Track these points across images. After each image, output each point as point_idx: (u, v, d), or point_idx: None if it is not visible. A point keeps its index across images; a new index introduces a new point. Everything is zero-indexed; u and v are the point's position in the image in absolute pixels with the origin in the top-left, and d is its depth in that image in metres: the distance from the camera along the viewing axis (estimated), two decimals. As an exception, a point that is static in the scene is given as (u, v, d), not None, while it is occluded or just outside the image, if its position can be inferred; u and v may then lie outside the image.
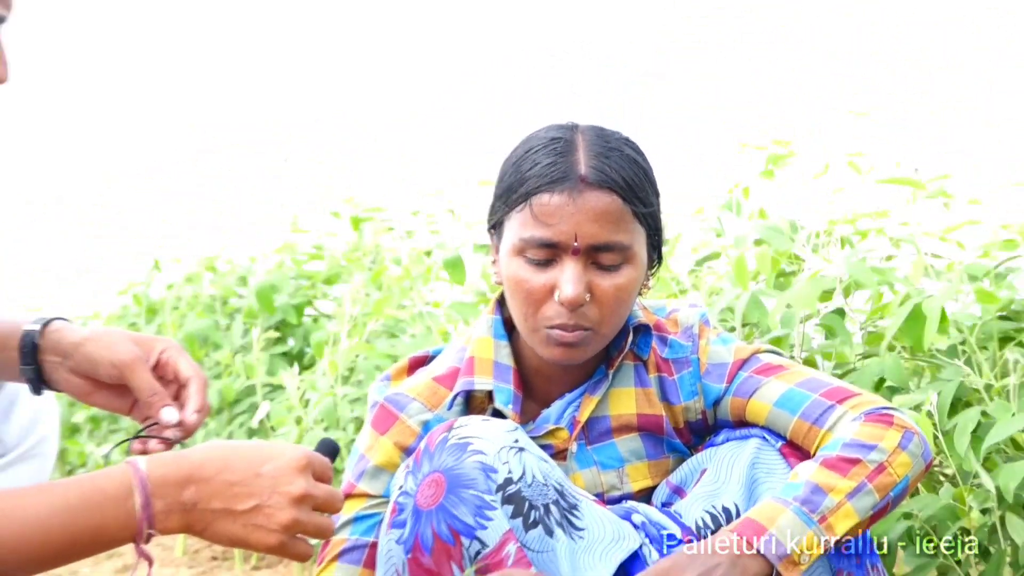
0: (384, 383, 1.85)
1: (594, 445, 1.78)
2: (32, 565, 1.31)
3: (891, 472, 1.57)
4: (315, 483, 1.34)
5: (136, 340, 1.64)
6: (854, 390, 1.70)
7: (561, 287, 1.61)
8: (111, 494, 1.29)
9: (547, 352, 1.68)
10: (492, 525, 1.55)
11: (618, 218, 1.64)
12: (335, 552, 1.73)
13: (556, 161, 1.63)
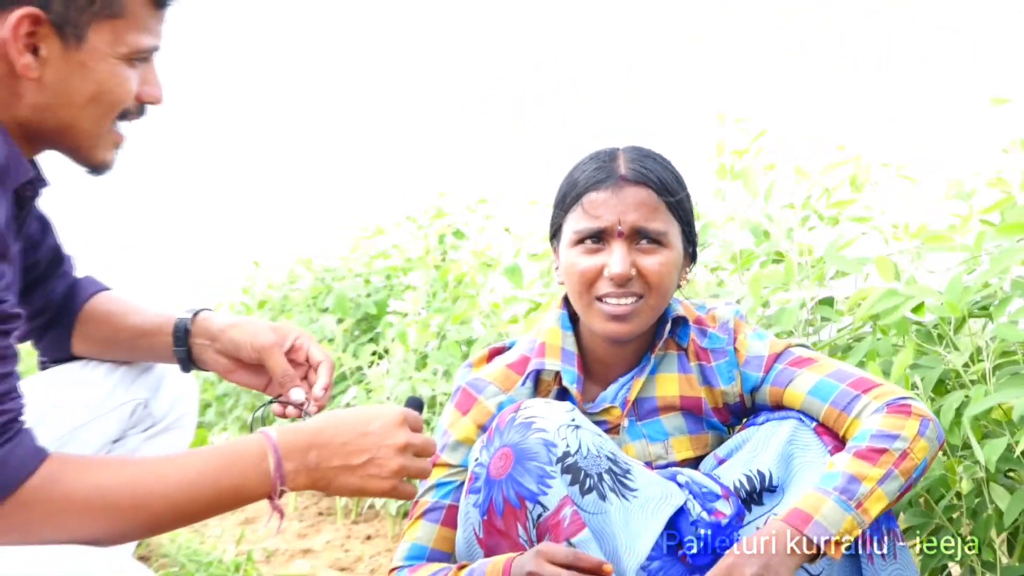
0: (467, 369, 1.89)
1: (643, 421, 1.80)
2: (183, 519, 1.34)
3: (913, 457, 1.58)
4: (413, 433, 1.42)
5: (273, 328, 1.70)
6: (876, 380, 1.70)
7: (610, 265, 1.67)
8: (249, 458, 1.34)
9: (603, 327, 1.71)
10: (552, 492, 1.56)
11: (654, 207, 1.70)
12: (420, 511, 1.76)
13: (601, 166, 1.72)
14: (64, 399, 1.69)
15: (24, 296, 1.68)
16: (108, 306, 1.77)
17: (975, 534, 1.81)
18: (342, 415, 1.42)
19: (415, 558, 1.73)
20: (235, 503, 1.36)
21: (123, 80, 1.41)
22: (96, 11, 1.36)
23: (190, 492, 1.32)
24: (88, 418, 1.70)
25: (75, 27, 1.36)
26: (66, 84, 1.38)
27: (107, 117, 1.43)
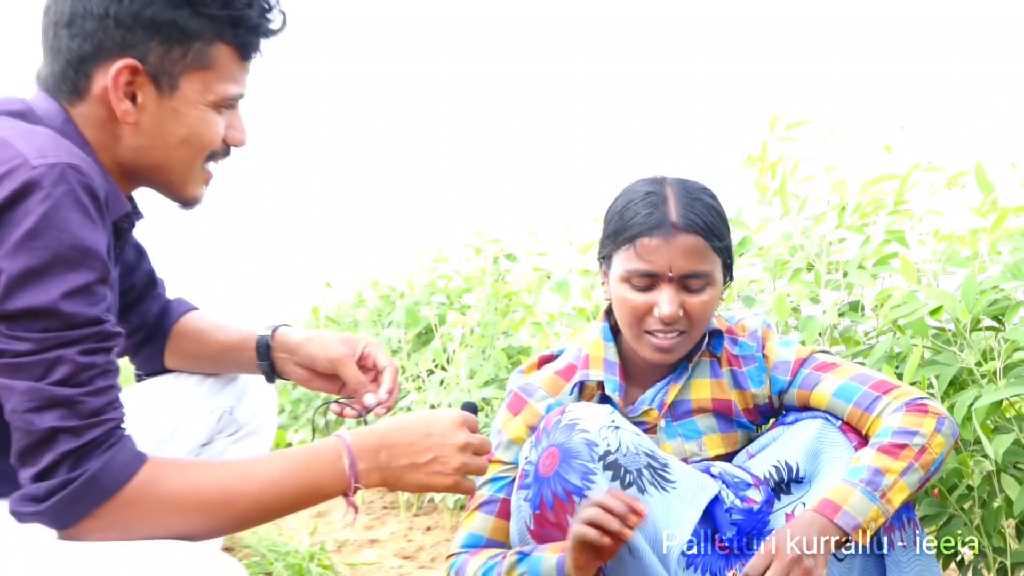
0: (519, 375, 1.89)
1: (678, 422, 1.80)
2: (268, 515, 1.34)
3: (931, 452, 1.57)
4: (471, 434, 1.43)
5: (344, 340, 1.71)
6: (894, 382, 1.70)
7: (660, 307, 1.66)
8: (326, 459, 1.35)
9: (648, 354, 1.73)
10: (595, 487, 1.56)
11: (702, 253, 1.68)
12: (477, 504, 1.77)
13: (652, 212, 1.68)
14: (159, 408, 1.70)
15: (122, 316, 1.70)
16: (196, 324, 1.79)
17: (986, 522, 1.80)
18: (408, 418, 1.43)
19: (472, 546, 1.74)
20: (314, 500, 1.36)
21: (211, 125, 1.42)
22: (188, 63, 1.37)
23: (274, 491, 1.32)
24: (180, 425, 1.71)
25: (169, 77, 1.37)
26: (160, 128, 1.40)
27: (197, 158, 1.44)
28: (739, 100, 6.00)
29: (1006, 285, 1.82)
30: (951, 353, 1.86)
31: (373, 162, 9.42)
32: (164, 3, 1.34)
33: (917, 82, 4.48)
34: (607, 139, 7.26)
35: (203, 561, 1.22)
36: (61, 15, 1.36)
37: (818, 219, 2.27)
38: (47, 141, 1.27)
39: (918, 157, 2.17)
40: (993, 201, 1.95)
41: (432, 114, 9.49)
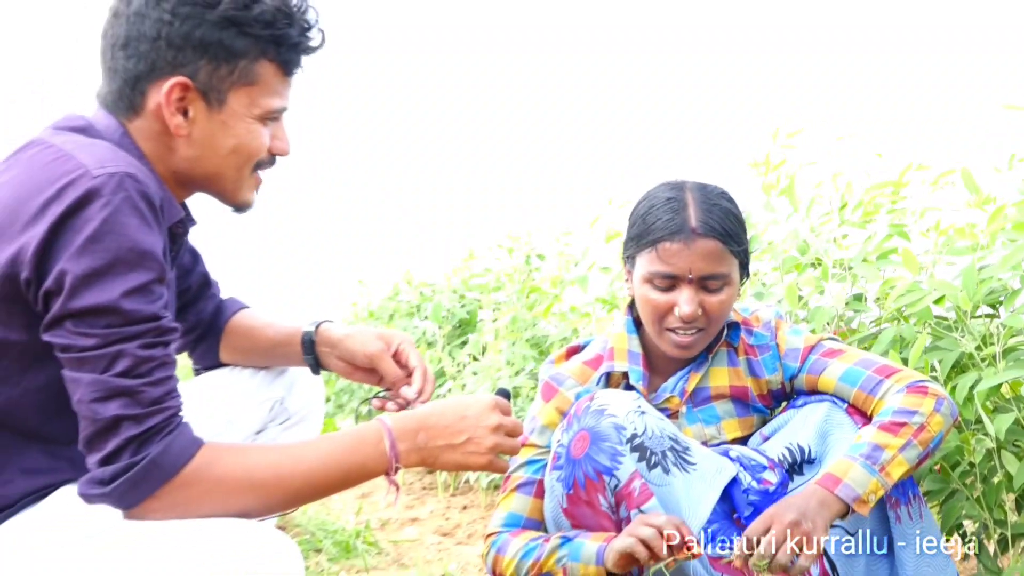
0: (549, 365, 1.89)
1: (699, 408, 1.79)
2: (316, 494, 1.35)
3: (929, 429, 1.57)
4: (503, 416, 1.42)
5: (380, 336, 1.71)
6: (896, 367, 1.69)
7: (680, 306, 1.66)
8: (369, 441, 1.35)
9: (669, 349, 1.73)
10: (623, 467, 1.56)
11: (720, 256, 1.68)
12: (514, 485, 1.77)
13: (673, 217, 1.68)
14: (216, 399, 1.70)
15: (179, 316, 1.72)
16: (248, 322, 1.79)
17: (987, 496, 1.79)
18: (444, 403, 1.43)
19: (511, 525, 1.74)
20: (358, 479, 1.36)
21: (257, 136, 1.42)
22: (235, 80, 1.37)
23: (322, 471, 1.32)
24: (235, 414, 1.71)
25: (218, 93, 1.38)
26: (210, 140, 1.40)
27: (245, 166, 1.44)
28: (750, 101, 5.95)
29: (1003, 274, 1.80)
30: (952, 339, 1.85)
31: (404, 165, 9.41)
32: (212, 25, 1.34)
33: (915, 82, 4.41)
34: (628, 142, 7.22)
35: (259, 538, 1.23)
36: (117, 38, 1.37)
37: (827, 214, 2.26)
38: (106, 153, 1.27)
39: (914, 157, 2.15)
40: (987, 197, 1.93)
41: (458, 117, 9.46)
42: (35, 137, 1.36)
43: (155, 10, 1.33)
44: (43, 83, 6.78)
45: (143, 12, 1.34)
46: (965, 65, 4.26)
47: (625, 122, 7.61)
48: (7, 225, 1.23)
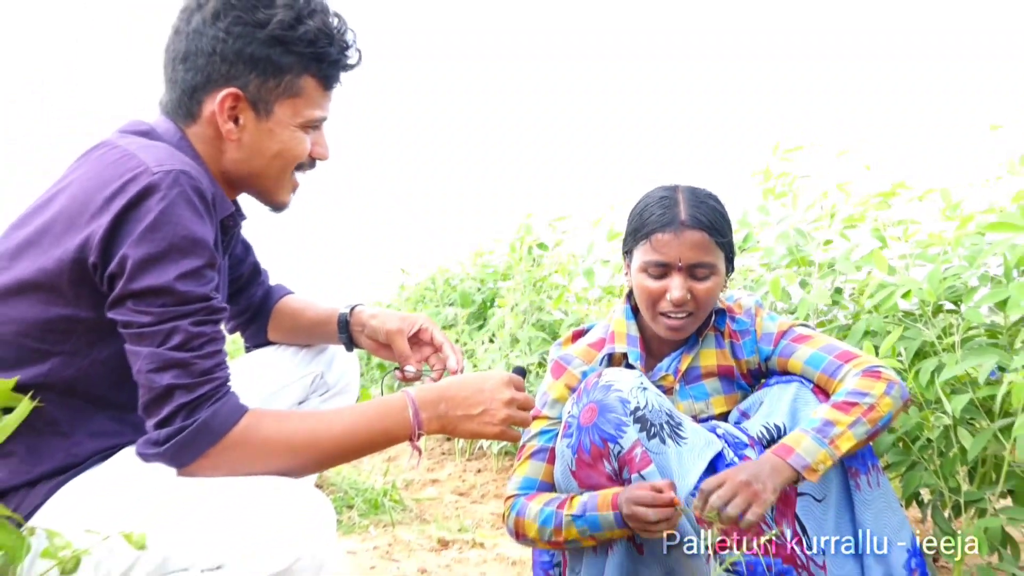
0: (558, 347, 1.87)
1: (690, 385, 1.78)
2: (347, 456, 1.34)
3: (878, 410, 1.55)
4: (516, 391, 1.42)
5: (402, 318, 1.70)
6: (856, 353, 1.67)
7: (671, 291, 1.65)
8: (395, 409, 1.35)
9: (663, 332, 1.71)
10: (626, 436, 1.56)
11: (706, 246, 1.66)
12: (529, 453, 1.75)
13: (665, 212, 1.67)
14: (263, 373, 1.70)
15: (231, 300, 1.72)
16: (292, 305, 1.79)
17: (943, 468, 1.77)
18: (464, 377, 1.42)
19: (528, 488, 1.73)
20: (385, 444, 1.36)
21: (300, 142, 1.42)
22: (281, 92, 1.37)
23: (352, 436, 1.32)
24: (280, 386, 1.71)
25: (265, 103, 1.37)
26: (258, 145, 1.39)
27: (287, 169, 1.44)
28: (754, 108, 5.90)
29: (964, 274, 1.79)
30: (917, 329, 1.83)
31: (434, 165, 9.42)
32: (261, 42, 1.34)
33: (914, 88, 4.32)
34: (634, 147, 7.19)
35: (298, 494, 1.23)
36: (178, 53, 1.37)
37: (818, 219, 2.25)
38: (165, 153, 1.27)
39: (903, 169, 2.14)
40: (955, 206, 1.91)
41: (484, 123, 9.45)
42: (104, 139, 1.36)
43: (211, 28, 1.33)
44: (43, 83, 6.77)
45: (201, 30, 1.34)
46: (960, 71, 4.19)
47: (635, 126, 7.58)
48: (77, 215, 1.23)
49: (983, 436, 1.66)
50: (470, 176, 8.62)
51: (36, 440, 1.26)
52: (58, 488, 1.26)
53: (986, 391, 1.67)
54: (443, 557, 2.40)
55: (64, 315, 1.24)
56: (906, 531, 1.64)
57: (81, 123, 8.30)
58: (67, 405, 1.28)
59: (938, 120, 3.08)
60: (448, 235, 6.37)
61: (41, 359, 1.26)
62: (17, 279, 1.25)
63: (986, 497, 1.73)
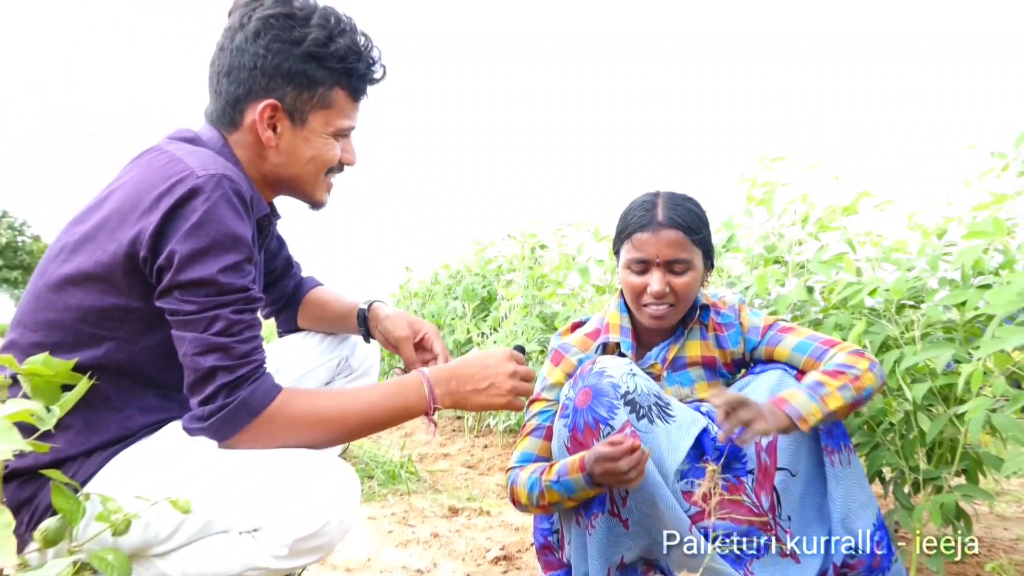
0: (558, 337, 1.85)
1: (676, 372, 1.75)
2: (369, 430, 1.32)
3: (863, 381, 1.54)
4: (518, 365, 1.40)
5: (410, 323, 1.66)
6: (839, 340, 1.65)
7: (651, 285, 1.64)
8: (412, 386, 1.34)
9: (647, 321, 1.69)
10: (617, 417, 1.53)
11: (682, 244, 1.64)
12: (528, 431, 1.73)
13: (644, 214, 1.66)
14: (295, 357, 1.68)
15: (266, 290, 1.70)
16: (320, 296, 1.77)
17: (904, 449, 1.75)
18: (470, 356, 1.41)
19: (525, 461, 1.71)
20: (403, 418, 1.34)
21: (331, 149, 1.40)
22: (314, 103, 1.35)
23: (374, 411, 1.30)
24: (309, 368, 1.69)
25: (300, 114, 1.35)
26: (294, 150, 1.37)
27: (320, 172, 1.41)
28: (746, 115, 5.86)
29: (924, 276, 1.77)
30: (881, 325, 1.81)
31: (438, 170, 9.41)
32: (297, 59, 1.32)
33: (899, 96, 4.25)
34: (634, 151, 7.17)
35: (328, 465, 1.22)
36: (222, 67, 1.35)
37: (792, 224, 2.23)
38: (208, 158, 1.26)
39: (870, 180, 2.12)
40: (916, 224, 1.90)
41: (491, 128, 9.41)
42: (153, 145, 1.34)
43: (252, 46, 1.32)
44: (43, 83, 6.68)
45: (243, 47, 1.32)
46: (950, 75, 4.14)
47: (636, 129, 7.55)
48: (129, 213, 1.21)
49: (940, 421, 1.64)
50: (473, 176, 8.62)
51: (92, 414, 1.24)
52: (111, 458, 1.25)
53: (943, 380, 1.65)
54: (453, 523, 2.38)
55: (118, 304, 1.23)
56: (872, 506, 1.62)
57: (81, 123, 8.20)
58: (119, 384, 1.27)
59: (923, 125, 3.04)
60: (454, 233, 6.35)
61: (97, 343, 1.24)
62: (76, 270, 1.23)
63: (942, 475, 1.71)
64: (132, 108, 21.43)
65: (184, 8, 56.75)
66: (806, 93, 56.81)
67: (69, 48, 19.30)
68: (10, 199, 25.45)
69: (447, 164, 55.34)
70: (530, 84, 62.58)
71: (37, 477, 1.22)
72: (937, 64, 56.12)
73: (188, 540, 1.20)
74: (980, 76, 49.48)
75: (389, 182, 37.54)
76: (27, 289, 1.31)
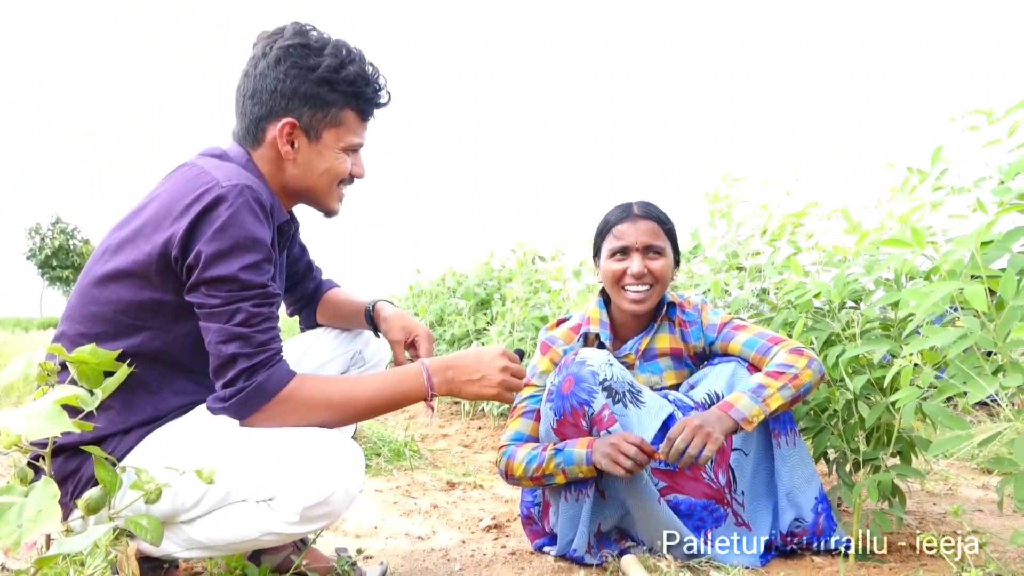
0: (545, 331, 1.86)
1: (648, 362, 1.76)
2: (374, 413, 1.31)
3: (801, 378, 1.55)
4: (510, 362, 1.38)
5: (404, 327, 1.64)
6: (784, 337, 1.67)
7: (631, 267, 1.67)
8: (412, 375, 1.32)
9: (628, 306, 1.70)
10: (596, 401, 1.55)
11: (656, 232, 1.68)
12: (519, 413, 1.74)
13: (622, 211, 1.72)
14: (313, 349, 1.68)
15: (290, 290, 1.71)
16: (335, 296, 1.76)
17: (846, 433, 1.76)
18: (468, 351, 1.40)
19: (517, 439, 1.71)
20: (405, 402, 1.33)
21: (343, 163, 1.39)
22: (328, 122, 1.35)
23: (378, 396, 1.30)
24: (325, 360, 1.68)
25: (315, 131, 1.35)
26: (309, 164, 1.38)
27: (332, 184, 1.41)
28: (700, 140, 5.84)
29: (863, 279, 1.77)
30: (825, 323, 1.81)
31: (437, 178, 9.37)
32: (312, 83, 1.32)
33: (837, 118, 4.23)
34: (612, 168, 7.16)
35: (335, 441, 1.22)
36: (247, 91, 1.35)
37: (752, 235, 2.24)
38: (233, 171, 1.26)
39: (816, 193, 2.12)
40: (856, 226, 1.90)
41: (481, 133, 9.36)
42: (187, 160, 1.35)
43: (273, 71, 1.32)
44: (43, 83, 6.54)
45: (266, 73, 1.33)
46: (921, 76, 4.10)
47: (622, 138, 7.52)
48: (163, 219, 1.22)
49: (877, 408, 1.64)
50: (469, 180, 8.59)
51: (130, 396, 1.24)
52: (146, 435, 1.25)
53: (879, 372, 1.66)
54: (451, 496, 2.39)
55: (153, 298, 1.23)
56: (815, 482, 1.63)
57: (81, 123, 7.99)
58: (154, 369, 1.27)
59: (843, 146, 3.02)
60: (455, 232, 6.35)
61: (134, 333, 1.24)
62: (117, 268, 1.24)
63: (880, 456, 1.71)
64: (132, 108, 20.86)
65: (184, 8, 56.00)
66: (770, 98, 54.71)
67: (69, 48, 18.81)
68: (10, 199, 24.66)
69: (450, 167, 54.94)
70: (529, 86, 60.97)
71: (80, 452, 1.22)
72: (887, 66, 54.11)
73: (211, 508, 1.20)
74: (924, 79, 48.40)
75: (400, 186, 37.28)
76: (75, 286, 1.31)
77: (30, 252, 41.03)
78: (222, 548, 1.23)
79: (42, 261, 40.99)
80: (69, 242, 41.73)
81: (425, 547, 1.83)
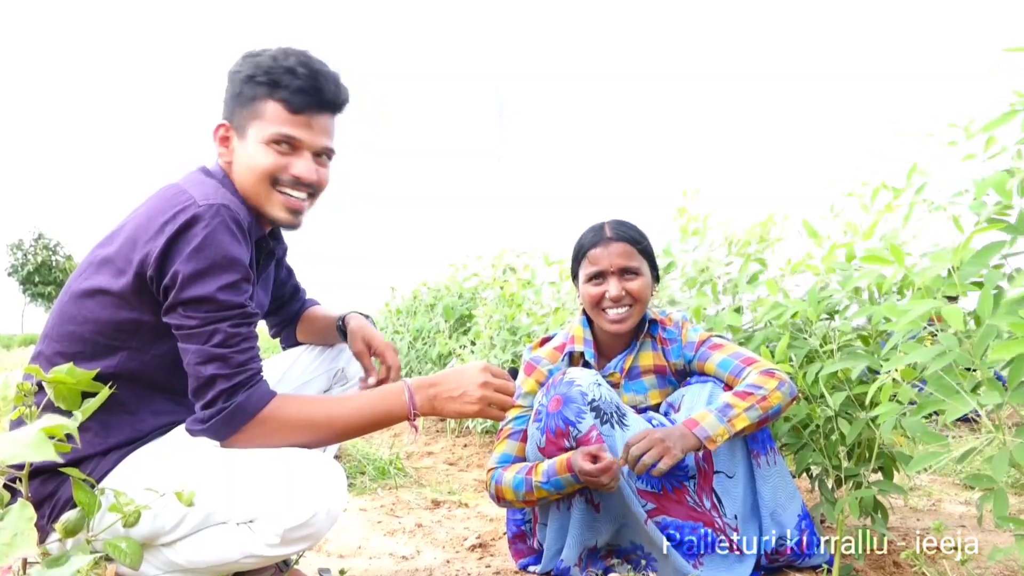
0: (529, 351, 1.85)
1: (632, 381, 1.76)
2: (356, 433, 1.31)
3: (769, 400, 1.55)
4: (492, 377, 1.36)
5: (365, 338, 1.64)
6: (757, 358, 1.67)
7: (609, 290, 1.67)
8: (394, 394, 1.32)
9: (608, 327, 1.71)
10: (584, 422, 1.54)
11: (630, 253, 1.69)
12: (506, 434, 1.73)
13: (595, 234, 1.72)
14: (294, 367, 1.67)
15: (275, 313, 1.70)
16: (313, 313, 1.75)
17: (827, 449, 1.76)
18: (449, 370, 1.39)
19: (504, 462, 1.70)
20: (387, 423, 1.32)
21: (264, 155, 1.32)
22: (249, 116, 1.33)
23: (360, 416, 1.29)
24: (307, 379, 1.67)
25: (242, 128, 1.34)
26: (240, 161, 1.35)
27: (263, 181, 1.33)
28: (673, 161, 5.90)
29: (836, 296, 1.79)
30: (803, 339, 1.83)
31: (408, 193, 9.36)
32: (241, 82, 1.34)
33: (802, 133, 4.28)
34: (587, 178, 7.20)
35: (317, 462, 1.22)
36: None
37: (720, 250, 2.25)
38: (211, 189, 1.26)
39: (780, 205, 2.14)
40: (819, 239, 1.91)
41: None
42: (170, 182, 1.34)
43: (227, 82, 1.35)
44: (44, 83, 6.58)
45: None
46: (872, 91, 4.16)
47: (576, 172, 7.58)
48: (139, 237, 1.22)
49: (858, 424, 1.65)
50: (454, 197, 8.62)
51: (108, 417, 1.23)
52: (125, 456, 1.24)
53: (859, 388, 1.67)
54: (435, 514, 2.37)
55: (131, 318, 1.22)
56: (797, 499, 1.63)
57: (82, 123, 7.98)
58: (133, 390, 1.26)
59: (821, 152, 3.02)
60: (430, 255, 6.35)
61: (112, 353, 1.23)
62: (94, 286, 1.23)
63: (861, 472, 1.72)
64: (117, 123, 20.53)
65: (184, 8, 55.52)
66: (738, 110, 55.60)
67: (71, 49, 18.61)
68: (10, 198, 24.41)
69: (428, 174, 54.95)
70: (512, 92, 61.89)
71: (58, 474, 1.21)
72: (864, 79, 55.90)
73: (191, 530, 1.19)
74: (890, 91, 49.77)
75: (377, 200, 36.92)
76: (54, 305, 1.30)
77: (12, 268, 40.52)
78: (203, 571, 1.21)
79: (24, 277, 40.48)
80: (52, 258, 41.25)
81: (409, 567, 1.82)
